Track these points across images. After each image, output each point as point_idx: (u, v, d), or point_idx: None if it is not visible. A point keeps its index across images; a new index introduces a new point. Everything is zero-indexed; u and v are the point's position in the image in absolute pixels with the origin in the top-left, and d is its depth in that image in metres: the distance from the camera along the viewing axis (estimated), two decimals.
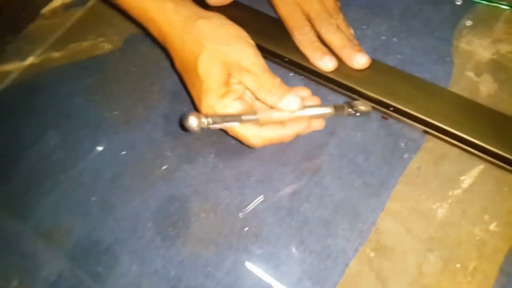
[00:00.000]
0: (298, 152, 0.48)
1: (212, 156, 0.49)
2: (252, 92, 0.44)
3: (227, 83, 0.43)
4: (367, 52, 0.51)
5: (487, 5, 0.54)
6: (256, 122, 0.43)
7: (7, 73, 0.60)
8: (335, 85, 0.50)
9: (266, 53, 0.53)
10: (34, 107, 0.57)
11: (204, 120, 0.40)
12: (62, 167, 0.52)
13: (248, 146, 0.45)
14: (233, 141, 0.49)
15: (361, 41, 0.53)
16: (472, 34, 0.52)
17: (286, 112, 0.43)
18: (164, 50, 0.49)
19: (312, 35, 0.50)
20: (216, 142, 0.50)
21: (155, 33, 0.47)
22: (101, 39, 0.61)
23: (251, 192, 0.46)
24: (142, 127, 0.53)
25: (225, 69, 0.42)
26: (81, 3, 0.66)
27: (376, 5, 0.57)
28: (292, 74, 0.54)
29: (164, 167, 0.50)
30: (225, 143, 0.50)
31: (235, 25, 0.45)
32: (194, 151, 0.50)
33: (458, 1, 0.55)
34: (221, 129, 0.46)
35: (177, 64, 0.47)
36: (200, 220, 0.46)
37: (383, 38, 0.54)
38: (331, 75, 0.50)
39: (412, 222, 0.43)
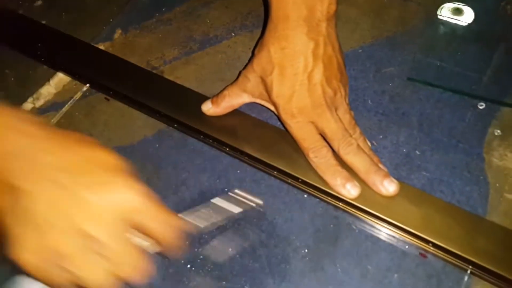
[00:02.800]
0: None
1: None
2: None
3: None
4: (388, 168, 0.45)
5: None
6: None
7: None
8: (358, 210, 0.43)
9: (278, 172, 0.46)
10: None
11: None
12: None
13: None
14: None
15: (380, 155, 0.47)
16: (504, 146, 0.47)
17: None
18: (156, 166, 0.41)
19: (330, 157, 0.44)
20: None
21: None
22: None
23: None
24: None
25: None
26: (55, 107, 0.57)
27: (389, 111, 0.51)
28: (306, 195, 0.46)
29: None
30: None
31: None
32: None
33: (481, 105, 0.49)
34: None
35: None
36: None
37: (404, 150, 0.48)
38: (353, 202, 0.43)
39: None
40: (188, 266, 0.43)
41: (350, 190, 0.43)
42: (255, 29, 0.61)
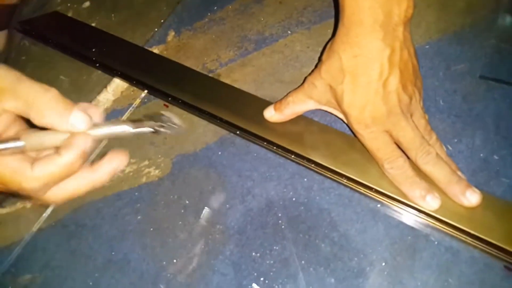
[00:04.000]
0: None
1: None
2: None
3: None
4: (465, 175, 0.44)
5: None
6: (22, 152, 0.34)
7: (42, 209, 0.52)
8: (437, 221, 0.43)
9: (348, 180, 0.46)
10: (77, 253, 0.48)
11: None
12: None
13: (26, 197, 0.35)
14: None
15: (456, 160, 0.46)
16: None
17: (63, 132, 0.34)
18: (221, 175, 0.45)
19: (407, 168, 0.43)
20: None
21: None
22: (145, 162, 0.53)
23: None
24: (208, 281, 0.44)
25: None
26: (116, 115, 0.57)
27: (462, 111, 0.49)
28: (379, 205, 0.45)
29: None
30: None
31: None
32: None
33: None
34: None
35: None
36: None
37: (481, 155, 0.46)
38: (433, 213, 0.42)
39: None
40: (262, 279, 0.44)
41: (430, 203, 0.42)
42: (312, 25, 0.60)
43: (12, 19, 0.67)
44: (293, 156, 0.49)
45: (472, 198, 0.41)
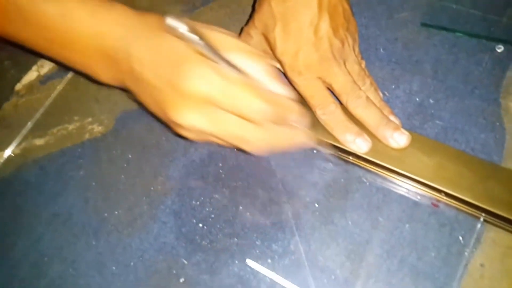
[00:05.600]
0: (338, 252, 0.43)
1: (239, 259, 0.44)
2: None
3: None
4: (401, 119, 0.46)
5: None
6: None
7: None
8: (369, 163, 0.46)
9: None
10: (21, 209, 0.51)
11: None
12: (58, 284, 0.46)
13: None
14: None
15: (392, 105, 0.48)
16: None
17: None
18: (164, 129, 0.47)
19: (338, 113, 0.45)
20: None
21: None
22: (89, 119, 0.55)
23: None
24: (149, 229, 0.47)
25: None
26: (60, 74, 0.60)
27: (402, 59, 0.52)
28: (315, 151, 0.48)
29: (181, 280, 0.44)
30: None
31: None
32: (214, 256, 0.45)
33: (499, 48, 0.50)
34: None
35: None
36: None
37: (417, 99, 0.49)
38: (364, 155, 0.45)
39: None
40: (200, 225, 0.47)
41: (360, 145, 0.44)
42: None
43: None
44: None
45: (400, 139, 0.44)
